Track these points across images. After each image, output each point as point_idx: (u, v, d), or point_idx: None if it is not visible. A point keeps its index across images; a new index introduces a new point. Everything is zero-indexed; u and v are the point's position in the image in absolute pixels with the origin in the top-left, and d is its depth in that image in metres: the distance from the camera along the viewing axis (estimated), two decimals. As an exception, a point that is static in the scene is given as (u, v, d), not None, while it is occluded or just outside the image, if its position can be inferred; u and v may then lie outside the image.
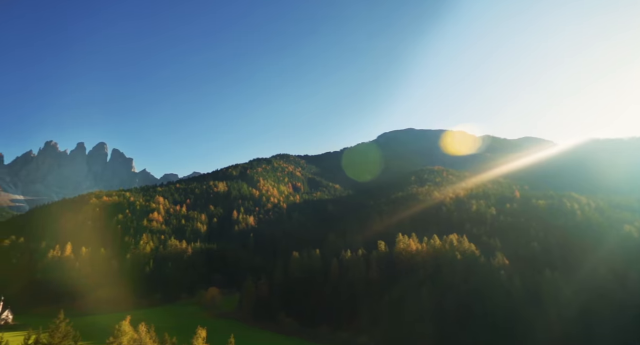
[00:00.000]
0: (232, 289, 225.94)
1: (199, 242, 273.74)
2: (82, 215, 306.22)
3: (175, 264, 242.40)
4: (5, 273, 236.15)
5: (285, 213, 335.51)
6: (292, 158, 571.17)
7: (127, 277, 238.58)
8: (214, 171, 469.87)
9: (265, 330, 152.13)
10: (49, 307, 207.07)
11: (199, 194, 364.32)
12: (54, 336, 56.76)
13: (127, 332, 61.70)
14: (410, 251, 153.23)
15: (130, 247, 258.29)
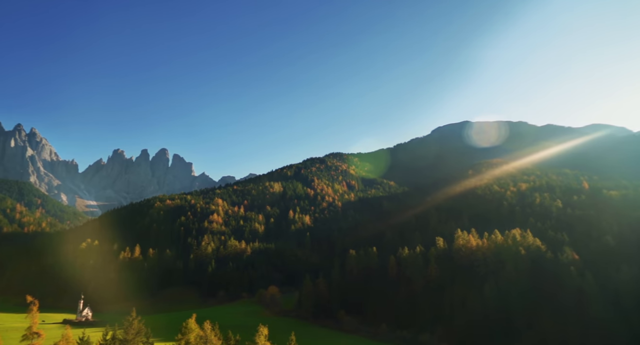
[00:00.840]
0: (290, 287, 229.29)
1: (257, 242, 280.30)
2: (148, 218, 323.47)
3: (236, 264, 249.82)
4: (84, 274, 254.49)
5: (340, 211, 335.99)
6: (346, 156, 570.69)
7: (191, 277, 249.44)
8: (269, 172, 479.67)
9: (324, 328, 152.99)
10: (122, 305, 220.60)
11: (256, 195, 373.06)
12: (128, 332, 60.35)
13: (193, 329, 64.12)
14: (470, 247, 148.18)
15: (193, 248, 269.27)
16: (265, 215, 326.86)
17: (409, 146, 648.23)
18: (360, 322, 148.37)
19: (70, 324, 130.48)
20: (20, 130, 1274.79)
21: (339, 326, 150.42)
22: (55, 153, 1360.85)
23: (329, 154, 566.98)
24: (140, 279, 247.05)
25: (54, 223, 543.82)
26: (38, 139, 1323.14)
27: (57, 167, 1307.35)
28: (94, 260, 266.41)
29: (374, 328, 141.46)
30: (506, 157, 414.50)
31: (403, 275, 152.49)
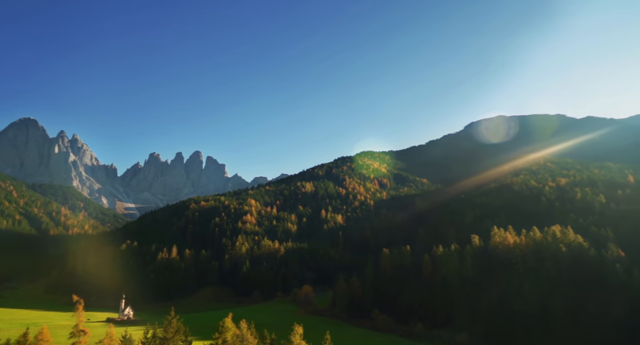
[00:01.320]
0: (324, 286, 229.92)
1: (290, 241, 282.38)
2: (184, 219, 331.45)
3: (269, 264, 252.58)
4: (124, 274, 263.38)
5: (372, 210, 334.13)
6: (377, 154, 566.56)
7: (226, 277, 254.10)
8: (301, 172, 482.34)
9: (359, 327, 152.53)
10: (161, 304, 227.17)
11: (288, 195, 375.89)
12: (167, 331, 61.96)
13: (230, 328, 65.14)
14: (508, 245, 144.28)
15: (228, 248, 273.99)
16: (297, 215, 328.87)
17: (441, 143, 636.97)
18: (395, 321, 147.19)
19: (114, 323, 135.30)
20: (63, 136, 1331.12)
21: (373, 325, 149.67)
22: (95, 158, 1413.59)
23: (360, 152, 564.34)
24: (177, 279, 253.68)
25: (96, 225, 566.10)
26: (79, 144, 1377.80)
27: (98, 172, 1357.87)
28: (134, 261, 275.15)
29: (409, 327, 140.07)
30: (543, 151, 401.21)
31: (438, 274, 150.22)
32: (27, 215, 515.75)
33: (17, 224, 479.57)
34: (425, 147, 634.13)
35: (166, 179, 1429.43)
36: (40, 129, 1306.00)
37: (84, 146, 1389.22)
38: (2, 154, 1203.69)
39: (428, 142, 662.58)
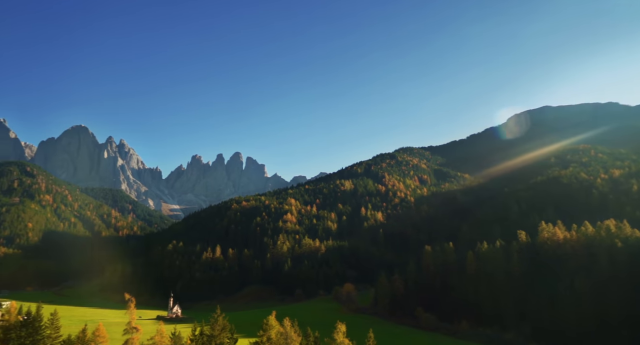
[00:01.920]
0: (365, 284, 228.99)
1: (330, 240, 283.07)
2: (226, 219, 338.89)
3: (311, 262, 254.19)
4: (171, 273, 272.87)
5: (413, 207, 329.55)
6: (416, 150, 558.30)
7: (269, 275, 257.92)
8: (340, 170, 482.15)
9: (402, 325, 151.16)
10: (206, 303, 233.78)
11: (327, 193, 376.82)
12: (214, 328, 63.84)
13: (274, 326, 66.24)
14: (557, 240, 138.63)
15: (269, 247, 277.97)
16: (337, 213, 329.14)
17: (484, 136, 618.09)
18: (438, 320, 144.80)
19: (163, 320, 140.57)
20: (111, 142, 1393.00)
21: (417, 323, 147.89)
22: (141, 162, 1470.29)
23: (399, 148, 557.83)
24: (221, 278, 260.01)
25: (144, 226, 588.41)
26: (126, 149, 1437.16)
27: (144, 175, 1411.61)
28: (180, 261, 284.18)
29: (454, 325, 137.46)
30: (594, 142, 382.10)
31: (483, 271, 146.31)
32: (81, 217, 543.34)
33: (72, 226, 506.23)
34: (466, 141, 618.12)
35: (208, 180, 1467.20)
36: (91, 136, 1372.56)
37: (130, 151, 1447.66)
38: (57, 160, 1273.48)
39: (469, 136, 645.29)
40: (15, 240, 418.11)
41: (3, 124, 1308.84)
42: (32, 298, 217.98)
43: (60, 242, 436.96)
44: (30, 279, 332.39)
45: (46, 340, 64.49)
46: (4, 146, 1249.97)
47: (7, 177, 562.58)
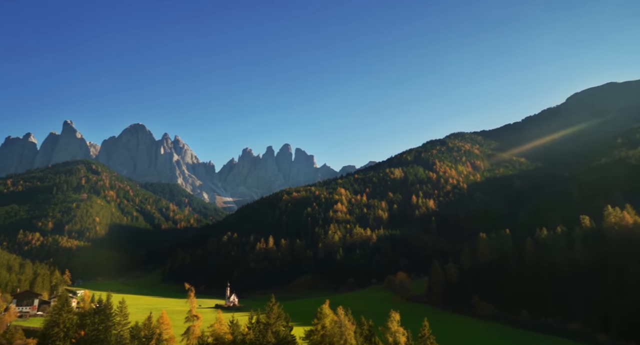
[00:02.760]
0: (419, 273, 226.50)
1: (382, 228, 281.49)
2: (278, 210, 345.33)
3: (362, 251, 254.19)
4: (227, 263, 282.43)
5: (466, 193, 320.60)
6: (468, 135, 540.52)
7: (321, 265, 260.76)
8: (389, 158, 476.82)
9: (457, 313, 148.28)
10: (261, 292, 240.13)
11: (377, 182, 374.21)
12: (270, 317, 65.63)
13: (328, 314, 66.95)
14: (626, 225, 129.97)
15: (321, 237, 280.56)
16: (388, 201, 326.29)
17: (540, 118, 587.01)
18: (496, 308, 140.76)
19: (221, 309, 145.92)
20: (167, 138, 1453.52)
21: (473, 312, 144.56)
22: (195, 156, 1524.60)
23: (450, 134, 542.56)
24: (275, 267, 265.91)
25: (200, 219, 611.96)
26: (181, 145, 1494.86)
27: (198, 169, 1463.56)
28: (235, 251, 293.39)
29: (514, 315, 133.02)
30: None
31: (542, 259, 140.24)
32: (142, 211, 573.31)
33: (135, 220, 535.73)
34: (522, 125, 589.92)
35: (259, 173, 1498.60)
36: (148, 133, 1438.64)
37: (185, 146, 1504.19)
38: (118, 157, 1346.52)
39: (524, 118, 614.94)
40: (85, 234, 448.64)
41: (70, 125, 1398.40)
42: (102, 287, 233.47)
43: (125, 235, 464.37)
44: (100, 270, 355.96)
45: (117, 326, 69.01)
46: (71, 146, 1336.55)
47: (75, 175, 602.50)
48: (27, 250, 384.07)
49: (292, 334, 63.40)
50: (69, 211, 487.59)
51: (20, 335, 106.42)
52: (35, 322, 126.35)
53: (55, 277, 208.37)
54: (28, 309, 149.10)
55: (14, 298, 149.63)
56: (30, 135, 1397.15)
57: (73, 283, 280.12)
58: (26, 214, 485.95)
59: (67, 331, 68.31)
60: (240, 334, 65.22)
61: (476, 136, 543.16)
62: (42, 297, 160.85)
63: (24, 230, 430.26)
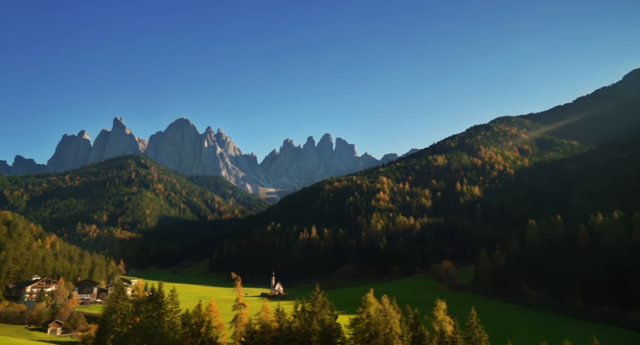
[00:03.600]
0: (464, 261, 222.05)
1: (425, 217, 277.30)
2: (320, 200, 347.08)
3: (406, 240, 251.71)
4: (271, 253, 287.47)
5: (513, 179, 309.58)
6: (515, 119, 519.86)
7: (364, 254, 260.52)
8: (431, 145, 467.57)
9: (506, 302, 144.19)
10: (305, 281, 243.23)
11: (420, 170, 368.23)
12: (315, 305, 66.18)
13: (372, 303, 66.67)
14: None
15: (363, 226, 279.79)
16: (431, 189, 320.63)
17: (594, 98, 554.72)
18: (548, 297, 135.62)
19: (267, 297, 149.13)
20: (210, 132, 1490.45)
21: (523, 301, 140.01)
22: (238, 148, 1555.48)
23: (495, 119, 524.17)
24: (318, 257, 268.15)
25: (244, 210, 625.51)
26: (224, 138, 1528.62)
27: (241, 161, 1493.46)
28: (279, 241, 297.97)
29: (567, 303, 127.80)
30: None
31: (597, 245, 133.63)
32: (189, 203, 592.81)
33: (182, 211, 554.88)
34: (573, 106, 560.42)
35: (300, 163, 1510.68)
36: (192, 127, 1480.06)
37: (227, 139, 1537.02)
38: (165, 151, 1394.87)
39: (576, 99, 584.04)
40: (136, 226, 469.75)
41: (120, 122, 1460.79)
42: (154, 276, 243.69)
43: (173, 226, 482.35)
44: (151, 259, 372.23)
45: (169, 313, 71.83)
46: (121, 142, 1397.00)
47: (126, 169, 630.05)
48: (85, 241, 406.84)
49: (337, 322, 63.65)
50: (121, 204, 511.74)
51: (82, 320, 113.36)
52: (95, 309, 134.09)
53: (111, 267, 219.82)
54: (88, 297, 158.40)
55: (76, 286, 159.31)
56: (84, 133, 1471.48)
57: (127, 272, 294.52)
58: (83, 207, 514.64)
59: (124, 318, 71.84)
60: (286, 321, 66.25)
61: (523, 120, 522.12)
62: (100, 286, 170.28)
63: (81, 223, 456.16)
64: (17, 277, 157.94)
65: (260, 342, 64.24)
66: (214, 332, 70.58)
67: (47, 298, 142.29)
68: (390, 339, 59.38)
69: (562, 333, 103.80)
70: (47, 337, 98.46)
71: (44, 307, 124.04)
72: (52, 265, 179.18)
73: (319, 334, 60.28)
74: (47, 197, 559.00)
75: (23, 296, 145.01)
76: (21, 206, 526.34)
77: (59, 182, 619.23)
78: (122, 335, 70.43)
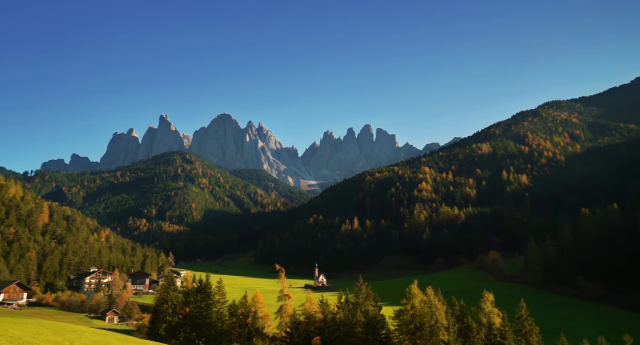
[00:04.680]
0: (513, 252, 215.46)
1: (470, 207, 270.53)
2: (362, 192, 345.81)
3: (450, 230, 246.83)
4: (314, 245, 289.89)
5: (564, 166, 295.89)
6: (565, 104, 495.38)
7: (407, 245, 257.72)
8: (475, 134, 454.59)
9: (558, 294, 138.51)
10: (348, 273, 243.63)
11: (463, 159, 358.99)
12: (358, 297, 66.20)
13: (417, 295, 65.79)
14: None
15: (406, 217, 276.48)
16: (475, 179, 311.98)
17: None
18: (605, 289, 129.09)
19: (311, 289, 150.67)
20: (251, 126, 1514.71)
21: (578, 293, 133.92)
22: (279, 142, 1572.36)
23: (544, 104, 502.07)
24: (361, 248, 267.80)
25: (286, 203, 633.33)
26: (265, 132, 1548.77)
27: (282, 154, 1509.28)
28: (321, 233, 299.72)
29: (627, 297, 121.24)
30: None
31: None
32: (232, 197, 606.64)
33: (226, 205, 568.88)
34: (630, 87, 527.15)
35: (341, 155, 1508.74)
36: (234, 122, 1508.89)
37: (268, 133, 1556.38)
38: (209, 146, 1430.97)
39: (634, 80, 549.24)
40: (184, 219, 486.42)
41: (165, 119, 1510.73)
42: (201, 268, 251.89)
43: (218, 220, 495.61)
44: (198, 252, 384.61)
45: (216, 304, 74.01)
46: (167, 139, 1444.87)
47: (172, 165, 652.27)
48: (136, 235, 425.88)
49: (382, 313, 63.34)
50: (169, 199, 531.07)
51: (137, 310, 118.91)
52: (147, 299, 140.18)
53: (162, 259, 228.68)
54: (141, 288, 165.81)
55: (130, 277, 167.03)
56: (133, 131, 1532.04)
57: (176, 264, 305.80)
58: (134, 203, 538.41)
59: (174, 308, 74.66)
60: (330, 313, 66.65)
61: (574, 104, 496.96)
62: (152, 277, 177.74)
63: (133, 217, 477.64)
64: (77, 268, 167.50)
65: (305, 332, 65.01)
66: (260, 322, 72.14)
67: (104, 288, 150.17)
68: (436, 331, 58.47)
69: (622, 327, 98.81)
70: (106, 325, 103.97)
71: (102, 297, 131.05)
72: (107, 258, 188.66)
73: (363, 326, 60.24)
74: (101, 193, 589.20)
75: (83, 286, 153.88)
76: (78, 202, 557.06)
77: (112, 178, 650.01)
78: (174, 325, 73.23)
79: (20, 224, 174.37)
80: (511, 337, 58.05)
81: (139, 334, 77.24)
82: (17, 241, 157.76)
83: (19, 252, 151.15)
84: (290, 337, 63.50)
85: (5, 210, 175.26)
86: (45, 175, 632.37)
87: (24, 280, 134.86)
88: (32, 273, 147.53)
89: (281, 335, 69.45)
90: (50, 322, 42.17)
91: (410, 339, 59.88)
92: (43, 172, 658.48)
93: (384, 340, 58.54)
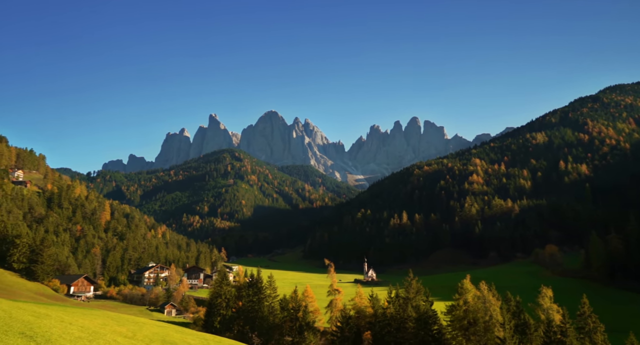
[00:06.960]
0: (572, 245, 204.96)
1: (524, 199, 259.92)
2: (410, 185, 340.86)
3: (504, 223, 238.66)
4: (362, 239, 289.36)
5: (629, 154, 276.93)
6: (630, 87, 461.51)
7: (458, 239, 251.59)
8: (529, 122, 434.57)
9: (624, 290, 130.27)
10: (397, 267, 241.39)
11: (516, 149, 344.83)
12: (409, 291, 65.51)
13: (469, 289, 64.16)
14: None
15: (457, 210, 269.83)
16: (530, 169, 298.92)
17: None
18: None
19: (360, 283, 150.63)
20: (297, 122, 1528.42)
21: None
22: (325, 137, 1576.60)
23: (605, 88, 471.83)
24: (410, 242, 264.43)
25: (334, 197, 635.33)
26: (311, 127, 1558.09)
27: (328, 149, 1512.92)
28: (370, 228, 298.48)
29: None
30: None
31: None
32: (281, 193, 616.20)
33: (275, 201, 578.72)
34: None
35: (388, 149, 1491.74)
36: (280, 119, 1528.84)
37: (314, 128, 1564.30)
38: (257, 143, 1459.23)
39: None
40: (234, 216, 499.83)
41: (214, 118, 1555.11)
42: (252, 263, 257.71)
43: (267, 216, 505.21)
44: (249, 247, 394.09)
45: (268, 298, 75.64)
46: (217, 137, 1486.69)
47: (222, 163, 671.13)
48: (190, 231, 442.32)
49: (433, 308, 62.25)
50: (219, 196, 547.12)
51: (192, 303, 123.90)
52: (202, 293, 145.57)
53: (214, 255, 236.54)
54: (196, 282, 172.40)
55: (185, 272, 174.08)
56: (185, 130, 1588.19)
57: (228, 259, 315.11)
58: (187, 200, 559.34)
59: (228, 302, 77.04)
60: (380, 307, 66.34)
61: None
62: (206, 272, 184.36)
63: (186, 214, 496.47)
64: (137, 263, 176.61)
65: (356, 327, 65.09)
66: (310, 316, 72.94)
67: (162, 282, 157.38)
68: (490, 327, 56.83)
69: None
70: (165, 317, 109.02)
71: (160, 290, 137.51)
72: (164, 253, 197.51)
73: (414, 320, 59.48)
74: (157, 191, 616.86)
75: (143, 280, 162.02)
76: (136, 200, 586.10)
77: (166, 177, 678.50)
78: (228, 318, 75.60)
79: (85, 221, 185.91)
80: (572, 334, 55.35)
81: (195, 326, 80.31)
82: (83, 237, 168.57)
83: (85, 247, 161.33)
84: (340, 332, 63.76)
85: (72, 208, 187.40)
86: (106, 175, 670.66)
87: (90, 274, 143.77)
88: (97, 267, 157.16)
89: (332, 330, 69.95)
90: (115, 313, 44.81)
91: (463, 335, 58.56)
92: (104, 172, 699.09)
93: (435, 335, 57.52)
